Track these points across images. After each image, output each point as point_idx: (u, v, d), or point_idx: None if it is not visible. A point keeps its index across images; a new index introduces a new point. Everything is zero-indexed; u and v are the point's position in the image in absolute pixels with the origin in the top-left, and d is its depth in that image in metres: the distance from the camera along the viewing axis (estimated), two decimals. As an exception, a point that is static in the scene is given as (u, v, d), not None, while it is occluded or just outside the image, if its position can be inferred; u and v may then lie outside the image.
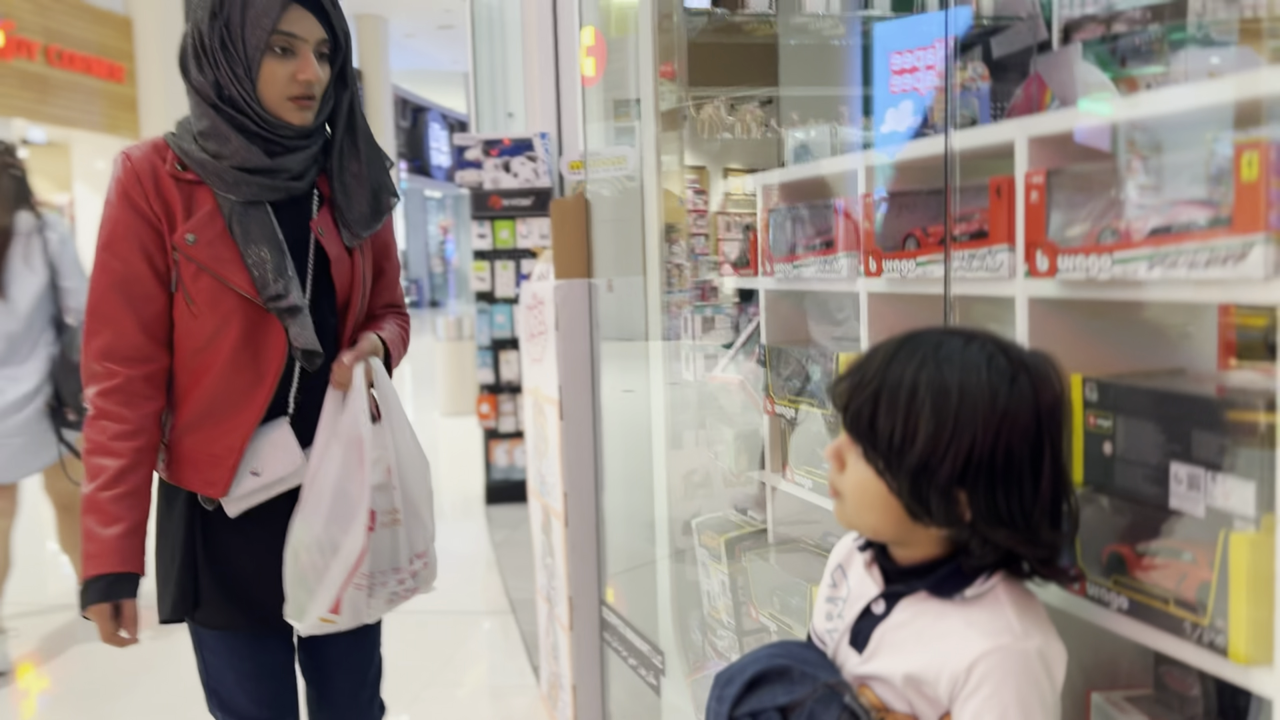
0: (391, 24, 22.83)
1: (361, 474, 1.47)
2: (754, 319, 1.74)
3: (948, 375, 0.91)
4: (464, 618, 3.67)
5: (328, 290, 1.52)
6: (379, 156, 1.56)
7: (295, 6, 1.41)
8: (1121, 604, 1.01)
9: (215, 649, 1.55)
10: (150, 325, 1.45)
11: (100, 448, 1.43)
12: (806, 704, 0.94)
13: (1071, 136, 1.09)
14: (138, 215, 1.43)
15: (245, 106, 1.42)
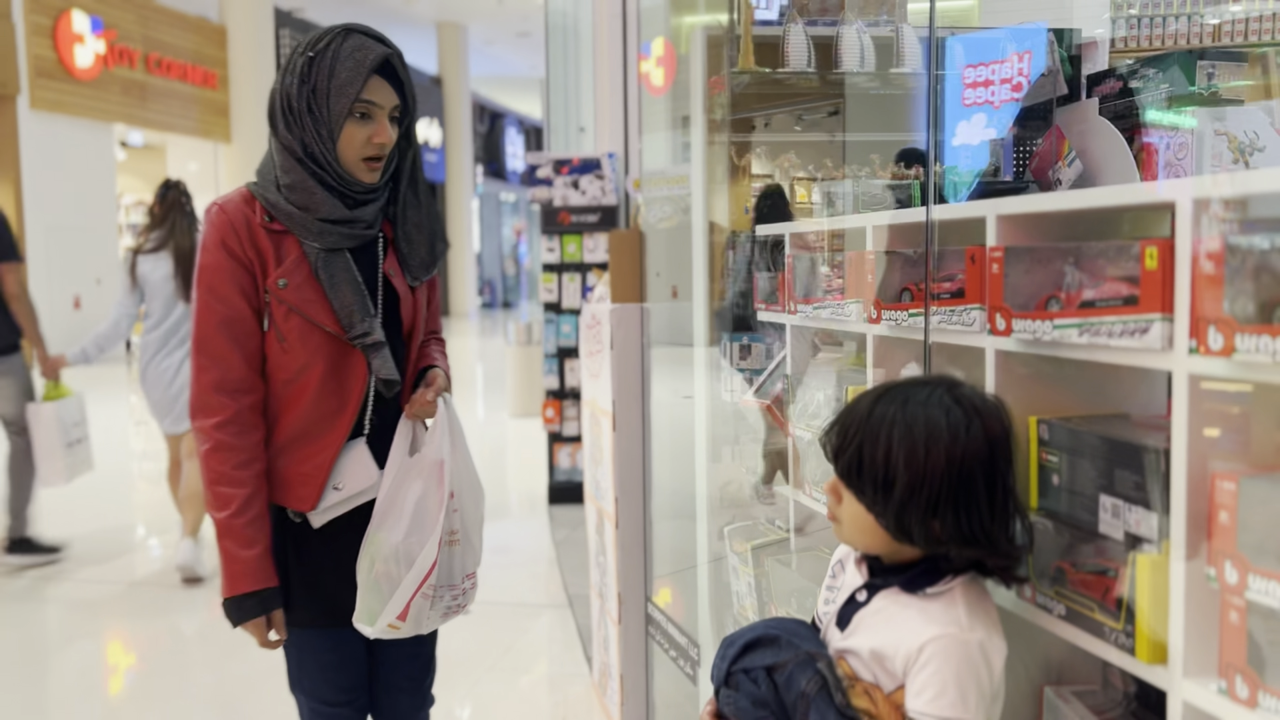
0: (471, 31, 23.39)
1: (440, 493, 1.68)
2: (782, 351, 1.95)
3: (915, 431, 1.13)
4: (525, 610, 3.93)
5: (395, 322, 1.74)
6: (434, 207, 1.79)
7: (376, 77, 1.61)
8: (1060, 610, 1.21)
9: (302, 644, 1.75)
10: (252, 359, 1.64)
11: (224, 477, 1.62)
12: (788, 666, 1.17)
13: (1032, 216, 1.29)
14: (235, 261, 1.62)
15: (325, 164, 1.63)
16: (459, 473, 1.74)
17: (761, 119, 2.58)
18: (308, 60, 1.62)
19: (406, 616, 1.65)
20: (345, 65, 1.60)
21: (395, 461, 1.70)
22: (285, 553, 1.72)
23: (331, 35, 1.63)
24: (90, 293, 14.18)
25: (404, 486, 1.69)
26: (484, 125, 27.11)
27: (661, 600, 2.72)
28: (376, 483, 1.70)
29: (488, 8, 21.06)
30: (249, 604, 1.64)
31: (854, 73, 2.28)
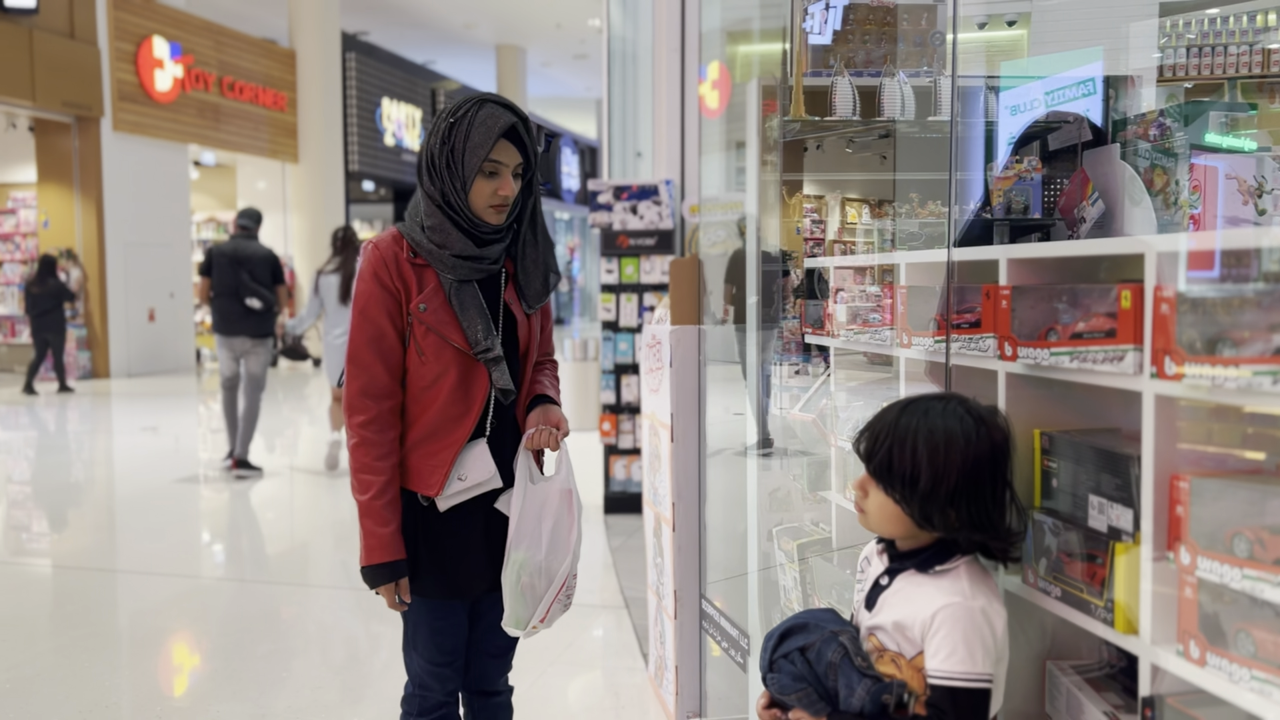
0: (530, 54, 23.90)
1: (571, 518, 1.99)
2: (827, 370, 2.19)
3: (936, 435, 1.37)
4: (585, 610, 4.19)
5: (512, 342, 2.04)
6: (550, 245, 2.08)
7: (502, 141, 1.90)
8: (1057, 593, 1.44)
9: (419, 611, 2.05)
10: (394, 370, 1.96)
11: (366, 467, 1.94)
12: (816, 644, 1.42)
13: (1040, 260, 1.53)
14: (384, 290, 1.94)
15: (460, 210, 1.93)
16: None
17: (813, 140, 2.83)
18: (449, 125, 1.91)
19: (546, 619, 1.97)
20: (479, 131, 1.88)
21: (520, 486, 2.00)
22: (415, 533, 2.01)
23: (470, 104, 1.92)
24: (164, 306, 14.76)
25: (539, 512, 1.99)
26: (540, 145, 27.58)
27: (715, 596, 2.97)
28: (493, 477, 1.99)
29: (546, 31, 21.55)
30: (383, 572, 1.94)
31: (897, 120, 2.53)
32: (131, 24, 13.90)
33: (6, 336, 14.64)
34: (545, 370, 2.18)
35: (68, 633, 4.09)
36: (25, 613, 4.41)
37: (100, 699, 3.42)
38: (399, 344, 1.97)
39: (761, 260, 2.67)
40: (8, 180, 14.94)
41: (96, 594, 4.65)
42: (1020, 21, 3.02)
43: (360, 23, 20.17)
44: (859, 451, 1.46)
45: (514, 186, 1.95)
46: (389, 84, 19.70)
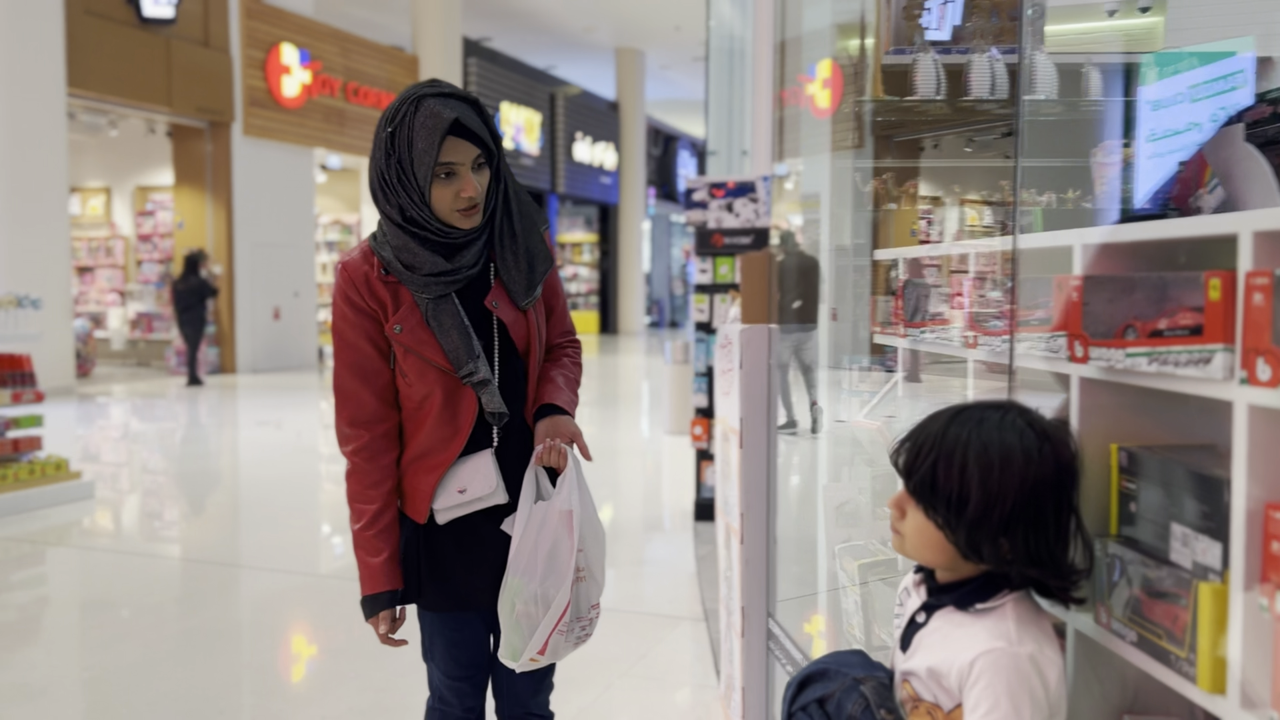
0: (649, 57, 23.91)
1: (570, 541, 1.82)
2: (895, 373, 1.99)
3: (991, 450, 1.18)
4: (662, 620, 4.04)
5: (511, 345, 1.90)
6: (534, 229, 1.90)
7: (450, 139, 1.71)
8: (1132, 637, 1.22)
9: (431, 623, 1.95)
10: (382, 393, 1.84)
11: (358, 495, 1.85)
12: (836, 694, 1.23)
13: (1121, 245, 1.30)
14: (358, 312, 1.82)
15: (425, 223, 1.77)
16: (584, 517, 1.86)
17: (931, 140, 2.62)
18: (389, 136, 1.75)
19: (546, 650, 1.81)
20: (420, 135, 1.70)
21: (524, 508, 1.85)
22: (418, 548, 1.90)
23: (404, 107, 1.73)
24: (289, 305, 15.26)
25: (536, 535, 1.83)
26: (658, 148, 27.59)
27: (784, 617, 2.77)
28: (495, 491, 1.85)
29: (665, 33, 21.50)
30: (372, 603, 1.85)
31: (984, 100, 2.30)
32: (262, 32, 14.41)
33: (144, 332, 15.37)
34: (561, 360, 2.03)
35: (193, 618, 4.20)
36: (155, 598, 4.53)
37: (225, 681, 3.49)
38: (384, 365, 1.86)
39: (835, 255, 2.47)
40: (148, 183, 15.69)
41: (219, 583, 4.75)
42: (1155, 7, 2.75)
43: (483, 29, 20.51)
44: (897, 465, 1.27)
45: (478, 183, 1.78)
46: (508, 88, 19.97)
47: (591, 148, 23.30)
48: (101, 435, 9.26)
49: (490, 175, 1.82)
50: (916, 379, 1.91)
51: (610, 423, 10.28)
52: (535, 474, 1.88)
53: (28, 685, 3.49)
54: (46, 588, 4.78)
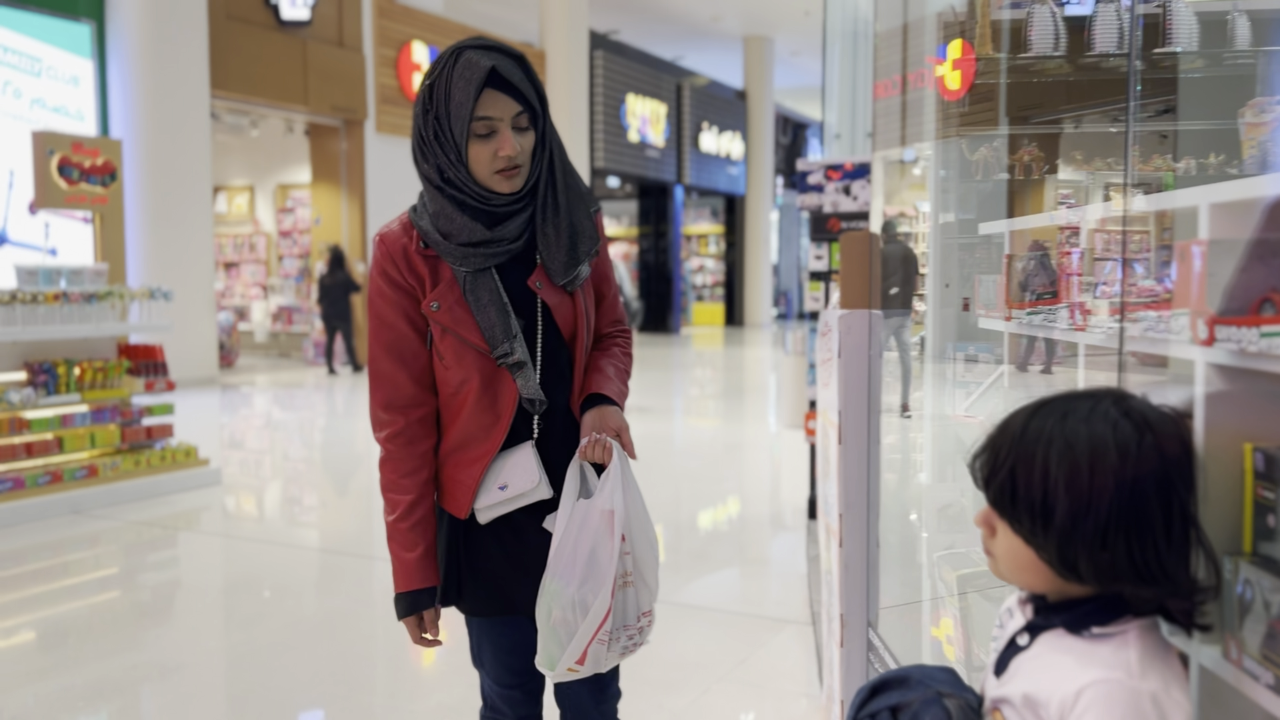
0: (777, 43, 23.49)
1: (612, 544, 1.67)
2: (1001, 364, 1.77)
3: (1077, 449, 0.98)
4: (766, 623, 3.86)
5: (555, 329, 1.76)
6: (581, 205, 1.75)
7: (488, 91, 1.59)
8: (1269, 679, 1.00)
9: (478, 629, 1.84)
10: (419, 376, 1.73)
11: (392, 485, 1.74)
12: (914, 705, 1.05)
13: (1257, 204, 1.08)
14: (396, 288, 1.70)
15: (463, 185, 1.65)
16: (631, 517, 1.72)
17: (1072, 120, 2.37)
18: (427, 89, 1.66)
19: (585, 660, 1.67)
20: (458, 87, 1.60)
21: (566, 506, 1.72)
22: (458, 548, 1.79)
23: (445, 59, 1.65)
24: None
25: (576, 535, 1.69)
26: (786, 137, 27.13)
27: (887, 627, 2.57)
28: (538, 485, 1.73)
29: (795, 19, 21.08)
30: (403, 603, 1.75)
31: (1110, 55, 2.04)
32: (394, 31, 14.75)
33: (285, 325, 15.97)
34: (611, 349, 1.88)
35: (326, 604, 4.30)
36: (291, 582, 4.64)
37: (356, 666, 3.54)
38: (422, 346, 1.74)
39: (940, 233, 2.25)
40: (288, 181, 16.29)
41: (351, 571, 4.83)
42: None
43: (611, 22, 20.53)
44: (975, 474, 1.09)
45: (518, 142, 1.64)
46: (634, 80, 19.94)
47: (718, 138, 23.07)
48: (240, 423, 9.62)
49: (536, 140, 1.69)
50: (1025, 368, 1.69)
51: (730, 416, 10.10)
52: (579, 469, 1.74)
53: (162, 663, 3.61)
54: (177, 570, 4.94)
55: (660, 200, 22.21)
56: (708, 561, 4.83)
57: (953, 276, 2.65)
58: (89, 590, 4.53)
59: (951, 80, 7.33)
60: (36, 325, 5.38)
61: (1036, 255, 1.62)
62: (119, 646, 3.77)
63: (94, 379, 5.69)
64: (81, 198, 6.08)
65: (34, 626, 4.01)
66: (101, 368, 5.73)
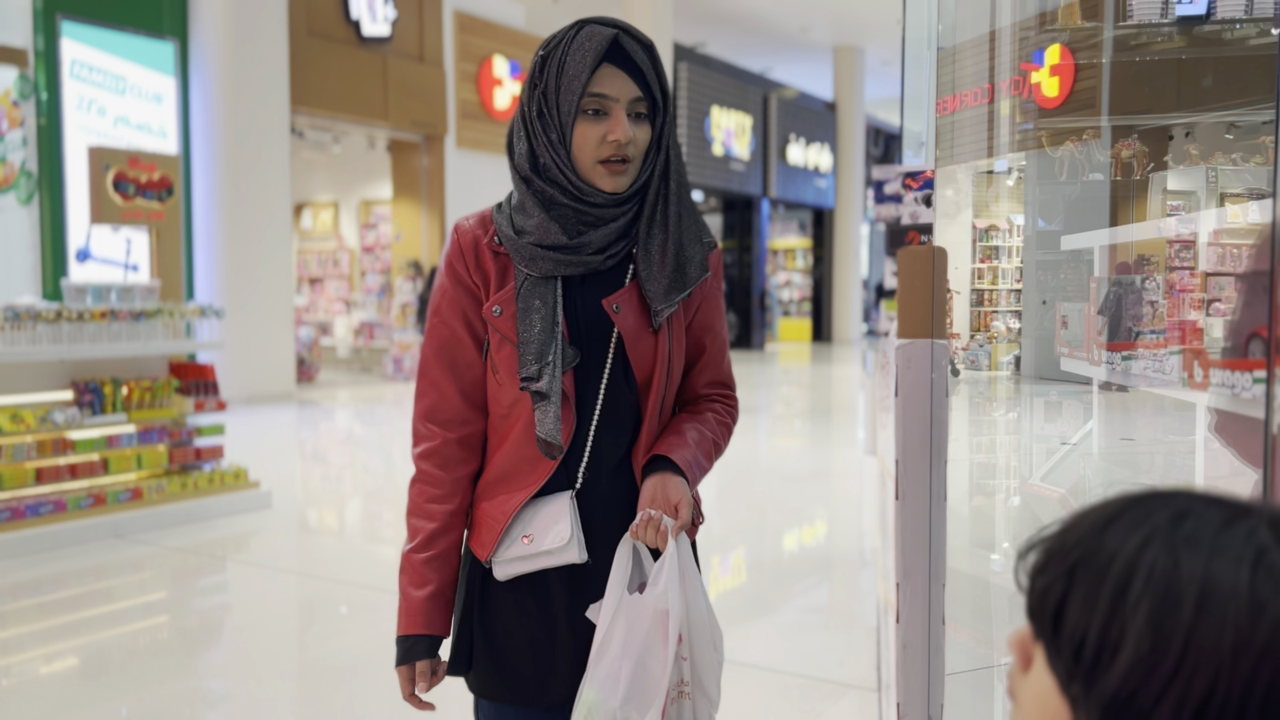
0: (869, 53, 22.90)
1: (665, 652, 1.37)
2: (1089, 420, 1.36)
3: (1185, 568, 0.58)
4: (825, 688, 3.42)
5: (626, 367, 1.48)
6: (694, 227, 1.50)
7: (606, 66, 1.38)
8: None
9: (486, 711, 1.56)
10: (469, 390, 1.51)
11: (417, 509, 1.52)
12: None
13: None
14: (461, 286, 1.49)
15: (559, 173, 1.42)
16: (691, 613, 1.42)
17: (1182, 129, 1.94)
18: (540, 60, 1.43)
19: None
20: (574, 58, 1.39)
21: (613, 597, 1.42)
22: (473, 603, 1.52)
23: (566, 30, 1.42)
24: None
25: (624, 637, 1.39)
26: (878, 148, 26.44)
27: (953, 697, 2.14)
28: (568, 545, 1.44)
29: (886, 28, 20.49)
30: (401, 648, 1.50)
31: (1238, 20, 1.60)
32: (474, 45, 14.69)
33: (366, 340, 16.02)
34: (703, 413, 1.58)
35: (377, 637, 4.05)
36: (339, 614, 4.44)
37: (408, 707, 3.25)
38: (477, 356, 1.51)
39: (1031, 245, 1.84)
40: (370, 197, 16.37)
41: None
42: None
43: (697, 34, 20.26)
44: (1019, 575, 0.69)
45: (635, 131, 1.39)
46: (719, 93, 19.61)
47: (805, 150, 22.55)
48: (310, 441, 9.52)
49: (651, 138, 1.44)
50: (1121, 433, 1.27)
51: (816, 438, 9.63)
52: (631, 550, 1.43)
53: (208, 693, 3.49)
54: (223, 597, 4.78)
55: (745, 214, 21.79)
56: (766, 606, 4.40)
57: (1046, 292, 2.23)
58: (132, 616, 4.39)
59: (1049, 87, 6.72)
60: (83, 343, 5.26)
61: (1137, 280, 1.20)
62: (163, 674, 3.65)
63: (142, 399, 5.55)
64: (137, 213, 5.98)
65: (77, 653, 3.90)
66: (150, 387, 5.59)
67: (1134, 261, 1.65)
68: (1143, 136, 1.94)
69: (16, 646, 3.97)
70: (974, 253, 4.88)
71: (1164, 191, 1.95)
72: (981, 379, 2.74)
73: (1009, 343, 3.66)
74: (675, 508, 1.43)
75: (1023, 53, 5.09)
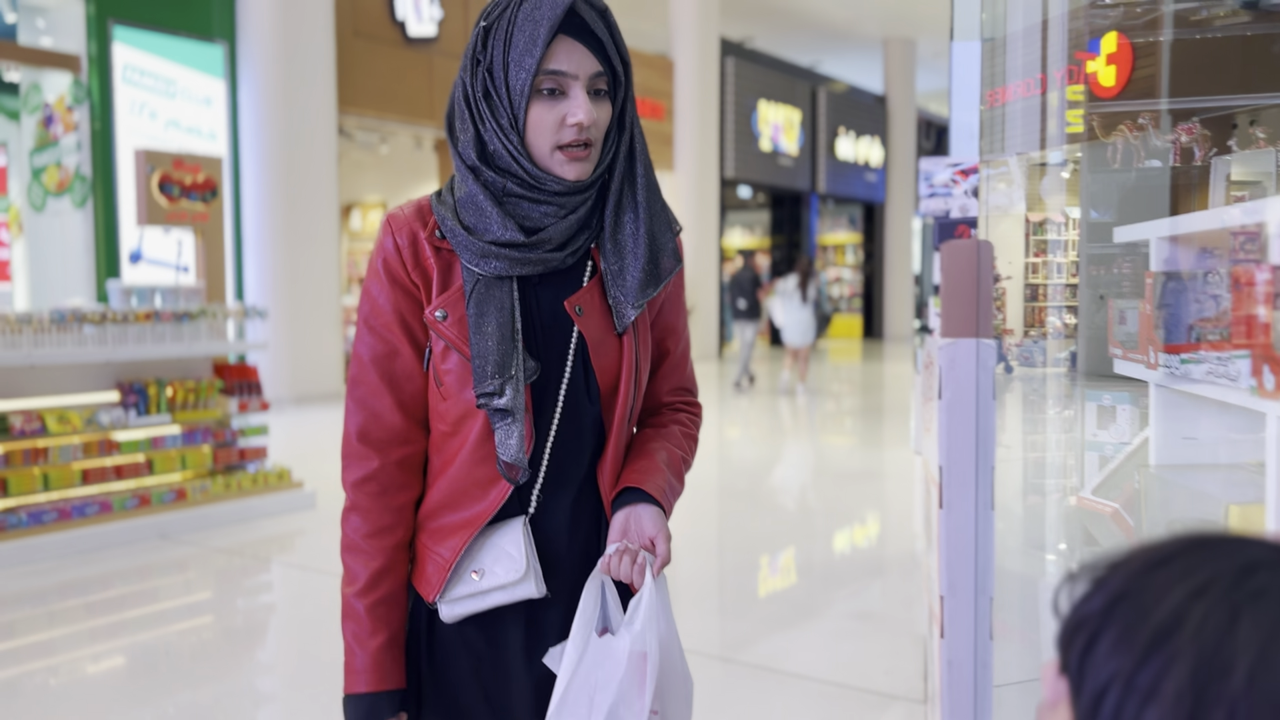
0: (920, 45, 22.53)
1: (641, 702, 1.23)
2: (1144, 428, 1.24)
3: (1244, 628, 0.49)
4: (870, 699, 3.30)
5: (589, 375, 1.33)
6: (663, 213, 1.35)
7: (563, 39, 1.22)
8: None
9: None
10: (409, 404, 1.33)
11: (355, 546, 1.34)
12: None
13: None
14: (397, 287, 1.31)
15: (511, 162, 1.26)
16: (665, 658, 1.27)
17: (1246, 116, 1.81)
18: (482, 32, 1.26)
19: None
20: (523, 29, 1.21)
21: (578, 639, 1.27)
22: (419, 648, 1.37)
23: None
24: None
25: (592, 683, 1.25)
26: (930, 141, 26.02)
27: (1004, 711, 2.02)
28: (523, 579, 1.29)
29: (938, 20, 20.13)
30: (357, 708, 1.31)
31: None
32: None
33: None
34: (668, 427, 1.43)
35: None
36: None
37: None
38: (418, 365, 1.33)
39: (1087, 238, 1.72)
40: (418, 197, 16.45)
41: None
42: None
43: (745, 29, 20.08)
44: (1057, 604, 0.60)
45: (596, 111, 1.23)
46: (766, 86, 19.41)
47: (855, 144, 22.24)
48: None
49: (612, 117, 1.29)
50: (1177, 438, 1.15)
51: (866, 438, 9.46)
52: (600, 587, 1.29)
53: (255, 692, 3.51)
54: (269, 597, 4.81)
55: (794, 209, 21.55)
56: (811, 611, 4.29)
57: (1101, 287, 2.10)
58: (177, 616, 4.42)
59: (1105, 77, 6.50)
60: (128, 345, 5.29)
61: (1199, 273, 1.08)
62: (209, 674, 3.66)
63: (186, 399, 5.57)
64: (182, 215, 6.01)
65: (123, 652, 3.94)
66: (194, 388, 5.62)
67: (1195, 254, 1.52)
68: (1205, 122, 1.81)
69: (64, 646, 4.00)
70: (1027, 246, 4.72)
71: (1227, 179, 1.82)
72: (1036, 376, 2.63)
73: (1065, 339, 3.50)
74: (651, 541, 1.29)
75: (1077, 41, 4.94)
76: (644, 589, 1.26)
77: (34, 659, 3.87)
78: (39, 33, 10.45)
